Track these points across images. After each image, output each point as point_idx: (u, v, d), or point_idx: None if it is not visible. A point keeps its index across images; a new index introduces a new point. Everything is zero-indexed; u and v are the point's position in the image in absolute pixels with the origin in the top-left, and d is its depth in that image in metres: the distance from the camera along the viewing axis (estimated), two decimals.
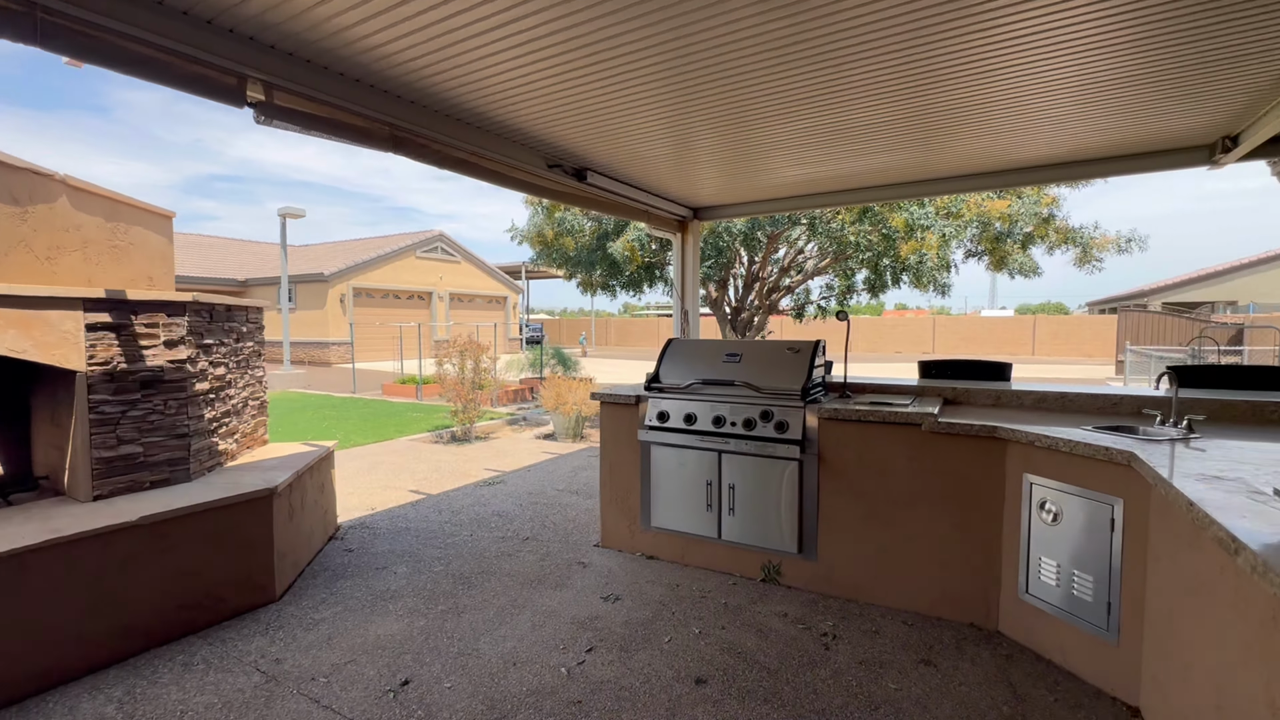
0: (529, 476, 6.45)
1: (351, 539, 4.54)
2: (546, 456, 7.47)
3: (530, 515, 5.11)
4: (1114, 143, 4.37)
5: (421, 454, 7.58)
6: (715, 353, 4.11)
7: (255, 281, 24.82)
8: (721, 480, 3.81)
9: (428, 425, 9.54)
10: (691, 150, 4.53)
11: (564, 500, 5.55)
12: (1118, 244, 8.17)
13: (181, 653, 2.96)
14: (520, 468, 6.87)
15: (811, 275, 10.99)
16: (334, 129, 3.12)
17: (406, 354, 18.42)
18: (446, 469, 6.80)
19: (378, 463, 7.07)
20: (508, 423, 10.01)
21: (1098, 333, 28.14)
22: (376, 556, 4.19)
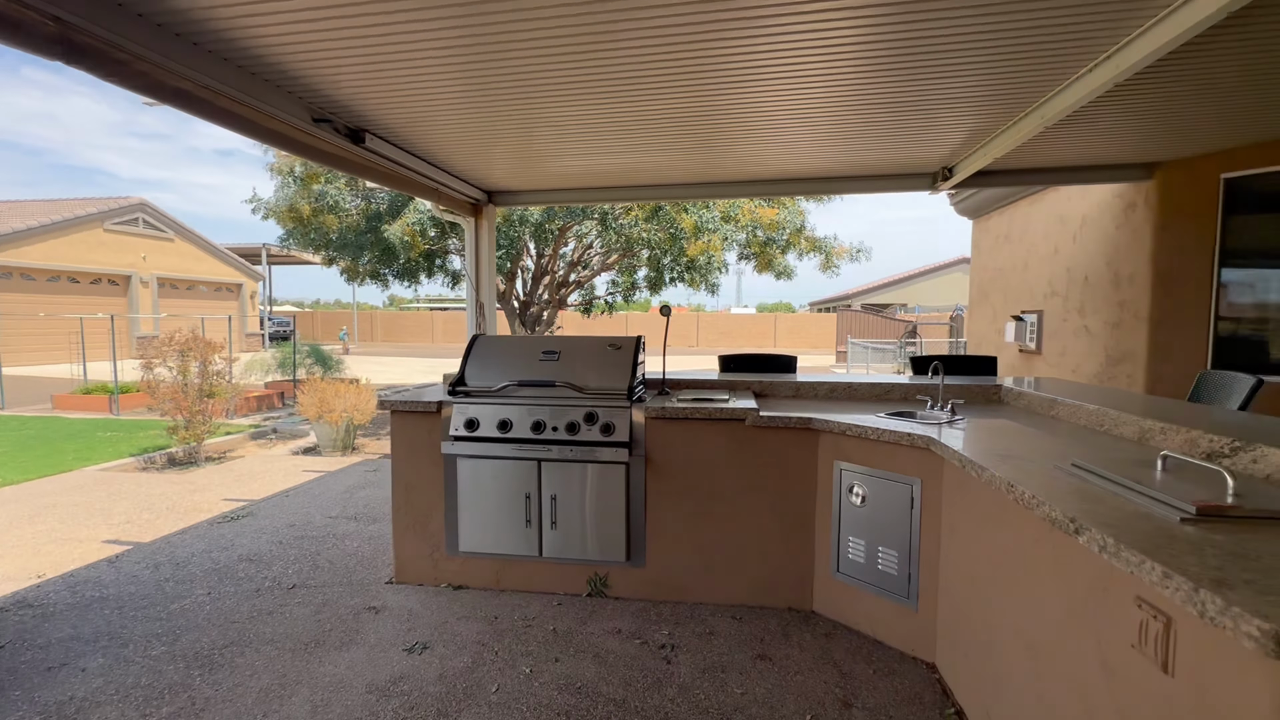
0: (288, 504, 5.26)
1: (1, 628, 3.13)
2: (310, 476, 6.23)
3: (295, 555, 4.12)
4: (861, 164, 5.04)
5: (122, 487, 5.73)
6: (530, 350, 3.70)
7: None
8: (542, 491, 3.44)
9: (131, 447, 7.34)
10: (488, 126, 4.03)
11: (339, 530, 4.61)
12: (851, 253, 9.70)
13: None
14: (275, 493, 5.59)
15: (599, 271, 11.07)
16: None
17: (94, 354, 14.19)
18: (163, 505, 5.22)
19: (47, 507, 5.14)
20: (251, 437, 8.22)
21: (822, 328, 33.85)
22: (47, 650, 2.93)
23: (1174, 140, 4.55)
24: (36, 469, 6.35)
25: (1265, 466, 1.94)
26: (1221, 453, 2.10)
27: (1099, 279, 5.86)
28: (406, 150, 4.51)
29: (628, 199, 6.28)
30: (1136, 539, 1.40)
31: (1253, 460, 1.99)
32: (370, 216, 8.96)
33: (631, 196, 6.16)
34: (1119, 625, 1.50)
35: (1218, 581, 1.16)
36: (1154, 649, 1.35)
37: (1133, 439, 2.58)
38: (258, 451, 7.49)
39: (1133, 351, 5.40)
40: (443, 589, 3.59)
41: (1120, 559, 1.37)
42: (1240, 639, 1.05)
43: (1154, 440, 2.45)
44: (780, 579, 3.33)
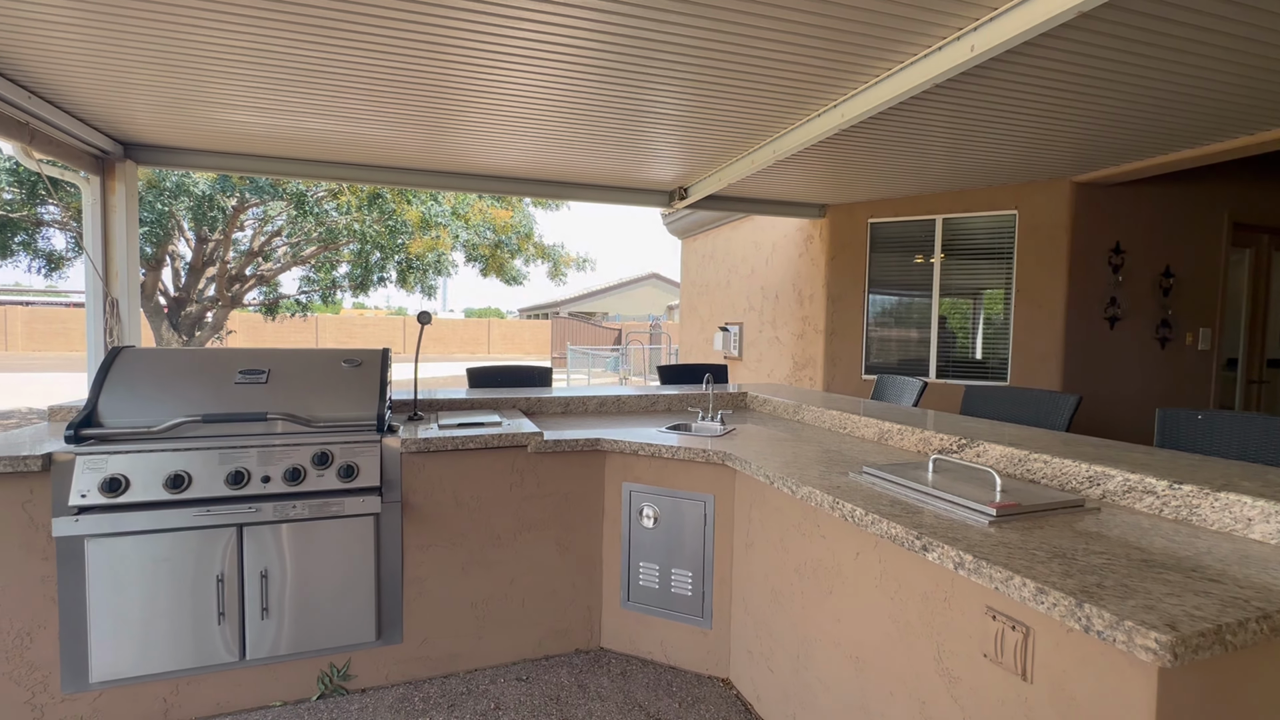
0: None
1: None
2: None
3: None
4: (598, 172, 5.09)
5: None
6: (219, 369, 2.62)
7: None
8: (245, 569, 2.44)
9: None
10: (126, 39, 2.79)
11: None
12: (578, 262, 9.88)
13: None
14: None
15: (291, 264, 9.14)
16: None
17: None
18: None
19: None
20: None
21: (535, 335, 34.46)
22: None
23: (839, 188, 5.64)
24: None
25: (989, 459, 2.35)
26: (951, 449, 2.50)
27: (787, 297, 6.99)
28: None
29: (332, 177, 5.19)
30: (982, 550, 1.45)
31: (977, 455, 2.40)
32: None
33: (337, 175, 5.10)
34: (966, 635, 1.56)
35: (1086, 592, 1.23)
36: (1013, 658, 1.42)
37: (873, 440, 2.95)
38: None
39: (813, 358, 6.56)
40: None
41: (982, 575, 1.40)
42: (1136, 650, 1.09)
43: (892, 440, 2.84)
44: (566, 622, 2.98)
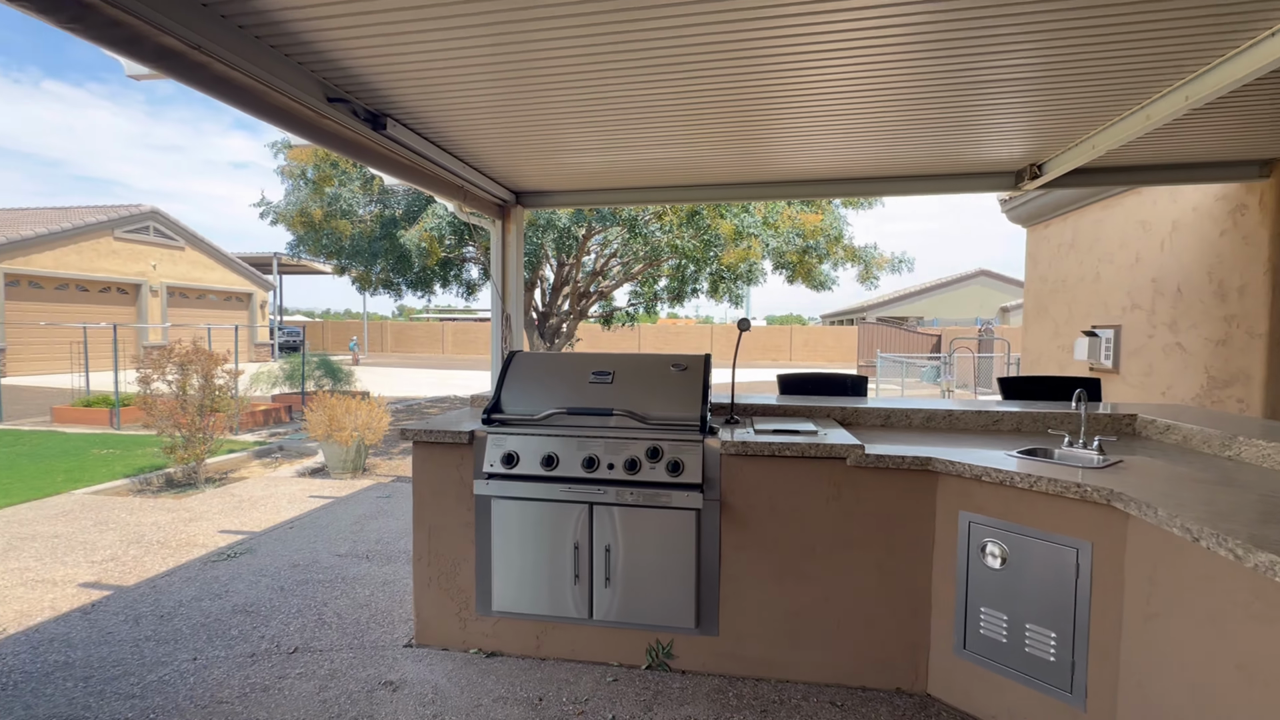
0: (292, 537, 4.70)
1: None
2: (317, 502, 5.67)
3: (299, 605, 3.54)
4: (928, 161, 4.50)
5: (111, 515, 5.19)
6: (578, 371, 3.13)
7: None
8: (594, 541, 2.85)
9: (127, 467, 6.82)
10: (518, 116, 3.52)
11: (349, 572, 4.04)
12: (893, 263, 9.12)
13: None
14: (278, 523, 5.04)
15: (624, 280, 10.54)
16: None
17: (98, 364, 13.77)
18: (154, 537, 4.67)
19: (23, 538, 4.60)
20: (255, 455, 7.69)
21: (839, 341, 33.17)
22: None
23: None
24: (21, 492, 5.83)
25: None
26: None
27: (1197, 290, 5.24)
28: (432, 141, 3.99)
29: (661, 200, 5.75)
30: None
31: None
32: (385, 222, 8.47)
33: (665, 198, 5.64)
34: None
35: None
36: None
37: None
38: (262, 472, 6.95)
39: (1245, 372, 4.77)
40: (473, 655, 3.00)
41: None
42: None
43: None
44: (886, 654, 2.72)
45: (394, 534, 4.78)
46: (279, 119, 2.96)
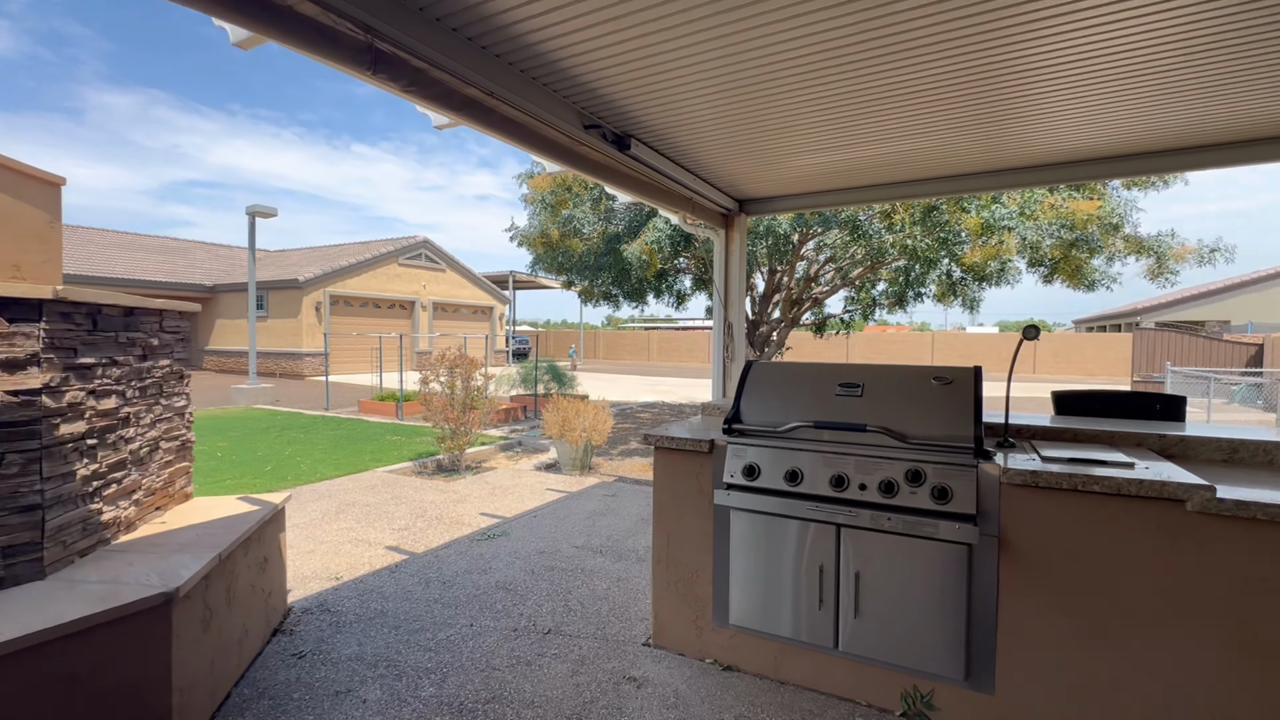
0: (536, 525, 5.22)
1: (305, 633, 3.28)
2: (553, 495, 6.25)
3: (547, 589, 3.89)
4: (1242, 123, 3.40)
5: (402, 491, 6.30)
6: (822, 382, 2.96)
7: (224, 287, 23.25)
8: (842, 566, 2.65)
9: (409, 452, 8.26)
10: (743, 123, 3.47)
11: (587, 564, 4.34)
12: (1199, 254, 7.25)
13: None
14: (524, 511, 5.64)
15: (842, 285, 9.96)
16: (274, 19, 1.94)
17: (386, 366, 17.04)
18: (433, 513, 5.54)
19: (348, 504, 5.78)
20: (500, 448, 8.77)
21: (1101, 351, 27.65)
22: (337, 667, 2.95)
23: None
24: (346, 466, 7.38)
25: None
26: None
27: None
28: (666, 156, 4.15)
29: (893, 197, 5.28)
30: None
31: None
32: (609, 239, 9.12)
33: (898, 195, 5.15)
34: None
35: None
36: None
37: None
38: (507, 464, 7.90)
39: None
40: (709, 665, 2.99)
41: None
42: None
43: None
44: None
45: (622, 532, 5.04)
46: (544, 148, 3.30)
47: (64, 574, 2.33)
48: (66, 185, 3.21)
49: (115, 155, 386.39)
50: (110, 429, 2.66)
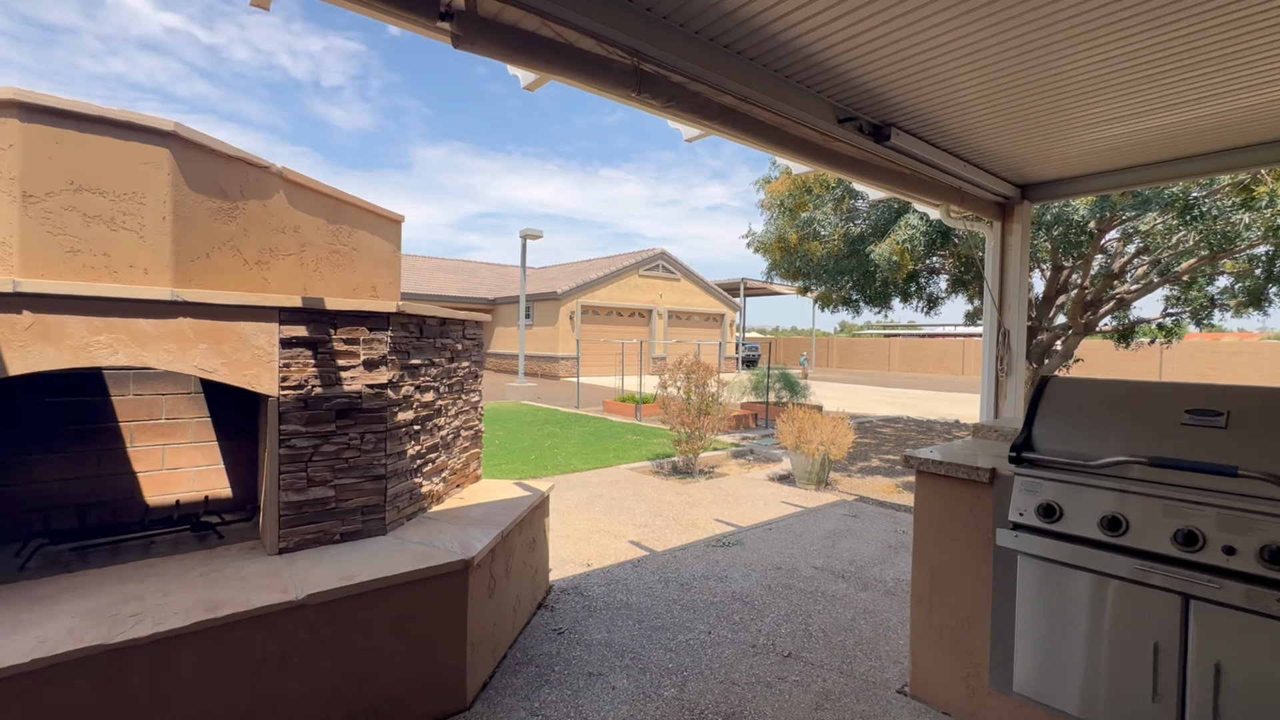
0: (771, 539, 5.07)
1: (563, 612, 3.62)
2: (788, 509, 6.02)
3: (785, 609, 3.72)
4: None
5: (642, 489, 6.68)
6: (1160, 405, 2.30)
7: (501, 300, 27.59)
8: (1191, 651, 2.01)
9: (647, 451, 8.75)
10: (1028, 94, 2.83)
11: (827, 588, 4.06)
12: None
13: None
14: (758, 523, 5.53)
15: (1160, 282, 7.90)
16: (558, 59, 2.16)
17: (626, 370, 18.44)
18: (670, 513, 5.75)
19: (595, 497, 6.31)
20: (732, 455, 8.80)
21: None
22: (590, 649, 3.18)
23: None
24: (594, 461, 8.11)
25: None
26: None
27: None
28: (931, 143, 3.68)
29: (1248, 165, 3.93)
30: None
31: None
32: (851, 240, 8.54)
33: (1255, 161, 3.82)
34: None
35: None
36: None
37: None
38: (739, 472, 7.88)
39: None
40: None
41: None
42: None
43: None
44: None
45: (866, 558, 4.62)
46: (794, 149, 3.17)
47: (397, 533, 2.89)
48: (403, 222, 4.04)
49: (429, 196, 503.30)
50: (429, 418, 3.25)
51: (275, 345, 2.54)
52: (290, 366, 2.58)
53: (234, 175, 2.67)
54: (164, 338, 2.30)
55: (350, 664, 2.33)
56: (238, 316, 2.45)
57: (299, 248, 3.04)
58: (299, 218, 3.03)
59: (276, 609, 2.17)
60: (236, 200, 2.68)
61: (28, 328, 2.06)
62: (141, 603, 2.12)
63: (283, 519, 2.59)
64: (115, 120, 2.27)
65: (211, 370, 2.40)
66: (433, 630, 2.55)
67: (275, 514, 2.58)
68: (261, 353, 2.50)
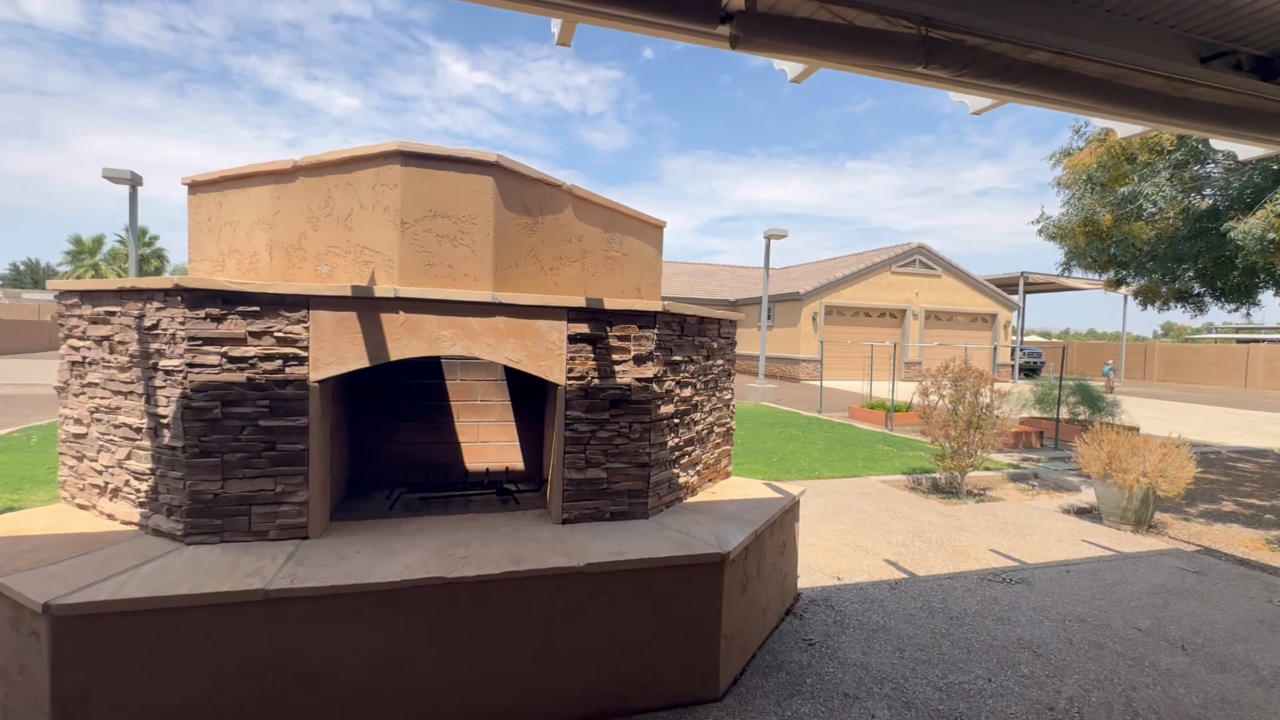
0: (1070, 583, 4.19)
1: (813, 623, 3.47)
2: (1092, 550, 4.92)
3: (1095, 673, 3.03)
4: None
5: (896, 505, 6.10)
6: None
7: (742, 302, 27.87)
8: None
9: (901, 465, 7.98)
10: None
11: (1160, 659, 3.19)
12: None
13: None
14: (1049, 561, 4.62)
15: None
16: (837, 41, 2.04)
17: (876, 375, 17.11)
18: (932, 536, 5.14)
19: (842, 507, 5.95)
20: (1009, 477, 7.52)
21: None
22: (844, 669, 2.98)
23: None
24: (840, 469, 7.68)
25: None
26: None
27: None
28: None
29: None
30: None
31: None
32: (1196, 217, 6.63)
33: None
34: None
35: None
36: None
37: None
38: (1018, 498, 6.70)
39: None
40: None
41: None
42: None
43: None
44: None
45: (1222, 631, 3.53)
46: (1130, 104, 2.54)
47: (657, 519, 3.08)
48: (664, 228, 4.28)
49: (676, 205, 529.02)
50: (686, 412, 3.39)
51: (564, 340, 2.89)
52: (575, 359, 2.91)
53: (536, 195, 3.12)
54: (485, 333, 2.78)
55: (618, 632, 2.55)
56: (537, 315, 2.85)
57: (581, 255, 3.42)
58: (582, 228, 3.42)
59: (564, 571, 2.46)
60: (537, 216, 3.13)
61: (401, 324, 2.67)
62: (467, 548, 2.59)
63: (565, 494, 2.94)
64: (457, 157, 2.82)
65: (518, 361, 2.84)
66: (690, 616, 2.64)
67: (560, 489, 2.95)
68: (554, 347, 2.88)
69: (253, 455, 2.53)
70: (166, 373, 2.54)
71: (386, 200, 2.76)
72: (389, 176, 2.76)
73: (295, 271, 2.97)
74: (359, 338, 2.62)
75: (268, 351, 2.53)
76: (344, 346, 2.60)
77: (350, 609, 2.26)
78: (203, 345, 2.48)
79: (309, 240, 2.94)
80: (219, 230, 3.26)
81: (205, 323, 2.48)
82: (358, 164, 2.82)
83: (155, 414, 2.58)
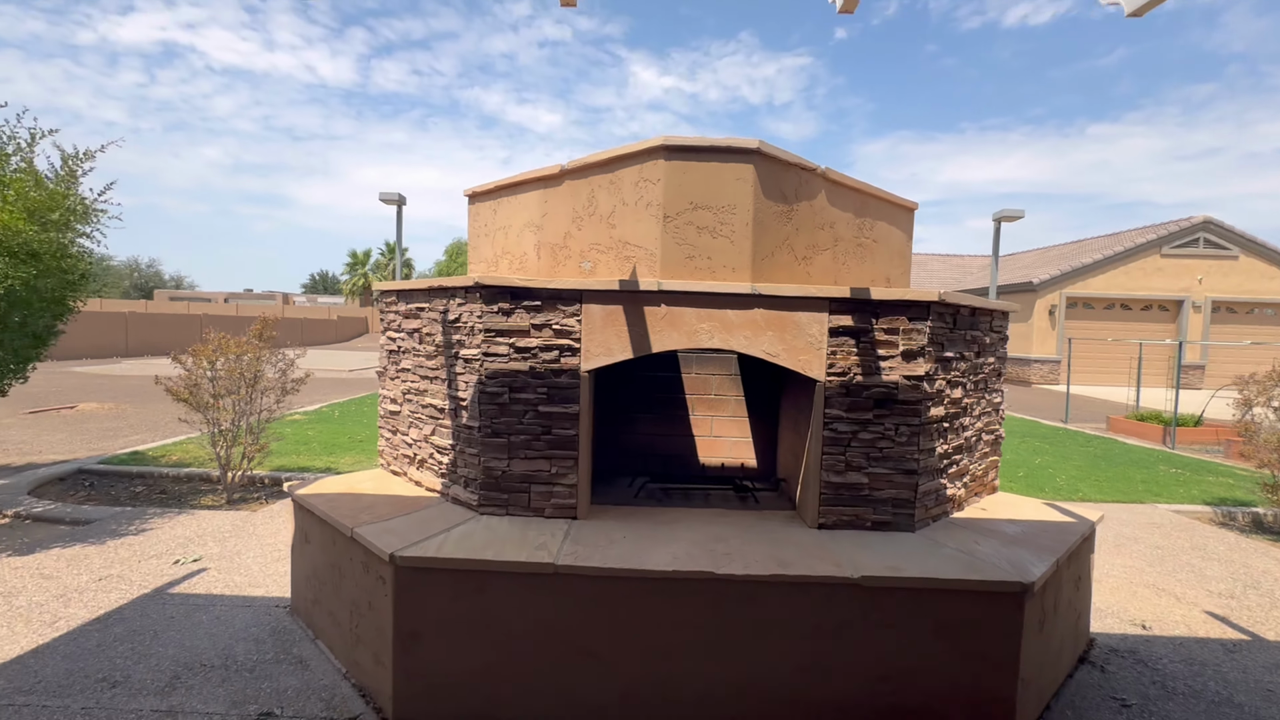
0: None
1: (1121, 679, 2.85)
2: None
3: None
4: None
5: (1205, 542, 4.86)
6: None
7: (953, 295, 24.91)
8: None
9: (1199, 492, 6.39)
10: None
11: None
12: None
13: None
14: None
15: None
16: None
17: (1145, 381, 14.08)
18: (1270, 588, 3.98)
19: (1126, 539, 4.90)
20: None
21: None
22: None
23: None
24: (1113, 493, 6.39)
25: None
26: None
27: None
28: None
29: None
30: None
31: None
32: None
33: None
34: None
35: None
36: None
37: None
38: None
39: None
40: None
41: None
42: None
43: None
44: None
45: None
46: None
47: (925, 533, 2.75)
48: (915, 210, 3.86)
49: None
50: (955, 416, 3.00)
51: (824, 334, 2.71)
52: (836, 354, 2.71)
53: (791, 180, 2.97)
54: (743, 325, 2.70)
55: (893, 655, 2.30)
56: (796, 307, 2.70)
57: (833, 242, 3.20)
58: (834, 214, 3.19)
59: (834, 581, 2.29)
60: (793, 203, 2.98)
61: (663, 317, 2.71)
62: (728, 544, 2.55)
63: (822, 497, 2.76)
64: (719, 147, 2.78)
65: (775, 355, 2.72)
66: (979, 651, 2.30)
67: (815, 491, 2.77)
68: (814, 340, 2.71)
69: (533, 438, 2.75)
70: (465, 361, 2.87)
71: (649, 195, 2.82)
72: (652, 172, 2.81)
73: (560, 269, 3.18)
74: (624, 330, 2.71)
75: (547, 343, 2.73)
76: (611, 339, 2.71)
77: (624, 592, 2.33)
78: (495, 337, 2.75)
79: (573, 239, 3.13)
80: (493, 234, 3.64)
81: (497, 316, 2.75)
82: (621, 162, 2.92)
83: (455, 397, 2.94)
